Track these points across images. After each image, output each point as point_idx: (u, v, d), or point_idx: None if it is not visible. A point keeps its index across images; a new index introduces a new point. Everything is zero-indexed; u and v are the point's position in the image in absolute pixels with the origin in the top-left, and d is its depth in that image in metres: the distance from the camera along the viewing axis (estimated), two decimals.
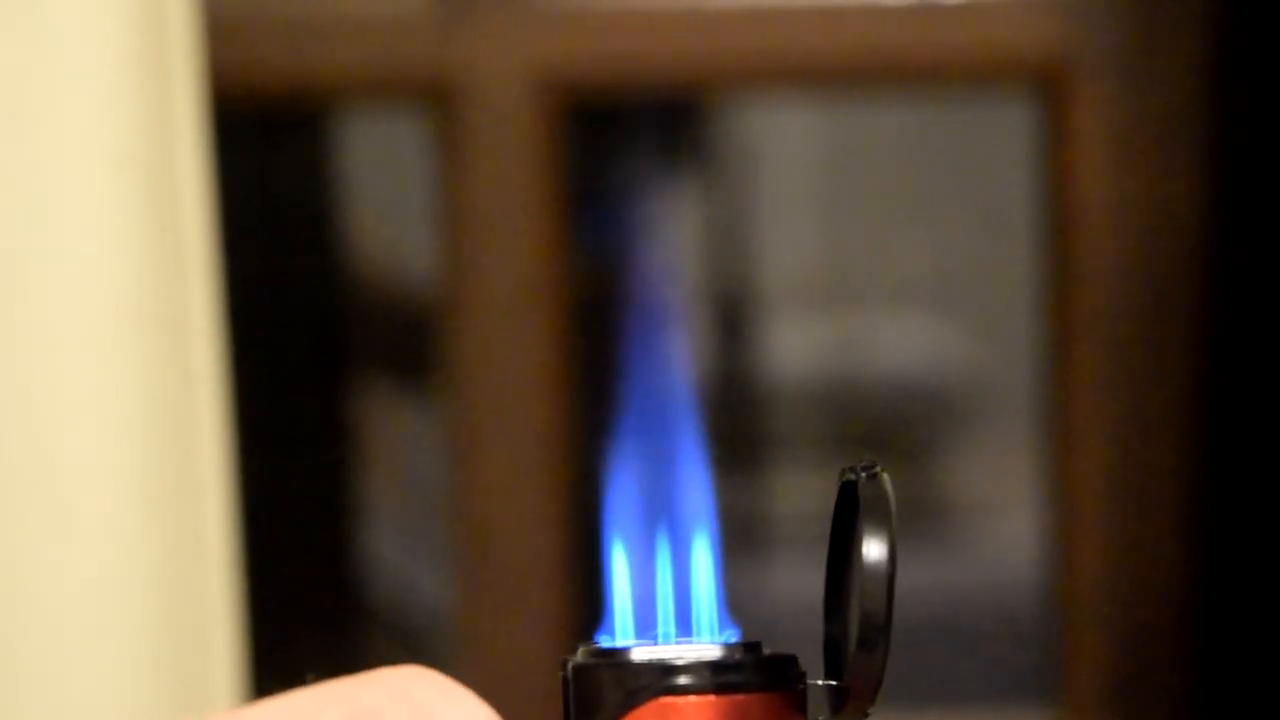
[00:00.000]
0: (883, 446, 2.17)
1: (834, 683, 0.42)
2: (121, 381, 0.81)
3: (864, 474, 0.42)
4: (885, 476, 0.41)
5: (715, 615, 0.42)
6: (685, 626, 0.42)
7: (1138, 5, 1.35)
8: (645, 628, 0.42)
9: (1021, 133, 1.51)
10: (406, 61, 1.37)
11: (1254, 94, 1.32)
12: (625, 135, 1.85)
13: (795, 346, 2.22)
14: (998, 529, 2.15)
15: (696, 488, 0.43)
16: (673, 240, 2.05)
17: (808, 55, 1.38)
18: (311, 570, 1.59)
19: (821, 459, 2.18)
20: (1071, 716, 1.38)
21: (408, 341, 1.70)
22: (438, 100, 1.37)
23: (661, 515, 0.43)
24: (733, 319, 2.15)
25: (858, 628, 0.40)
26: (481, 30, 1.36)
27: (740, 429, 2.13)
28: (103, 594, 0.81)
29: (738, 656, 0.40)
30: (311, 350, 1.65)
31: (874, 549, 0.40)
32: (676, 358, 0.44)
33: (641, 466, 0.43)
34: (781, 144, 2.22)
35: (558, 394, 1.36)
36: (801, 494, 2.08)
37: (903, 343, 2.21)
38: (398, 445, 1.81)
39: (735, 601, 0.43)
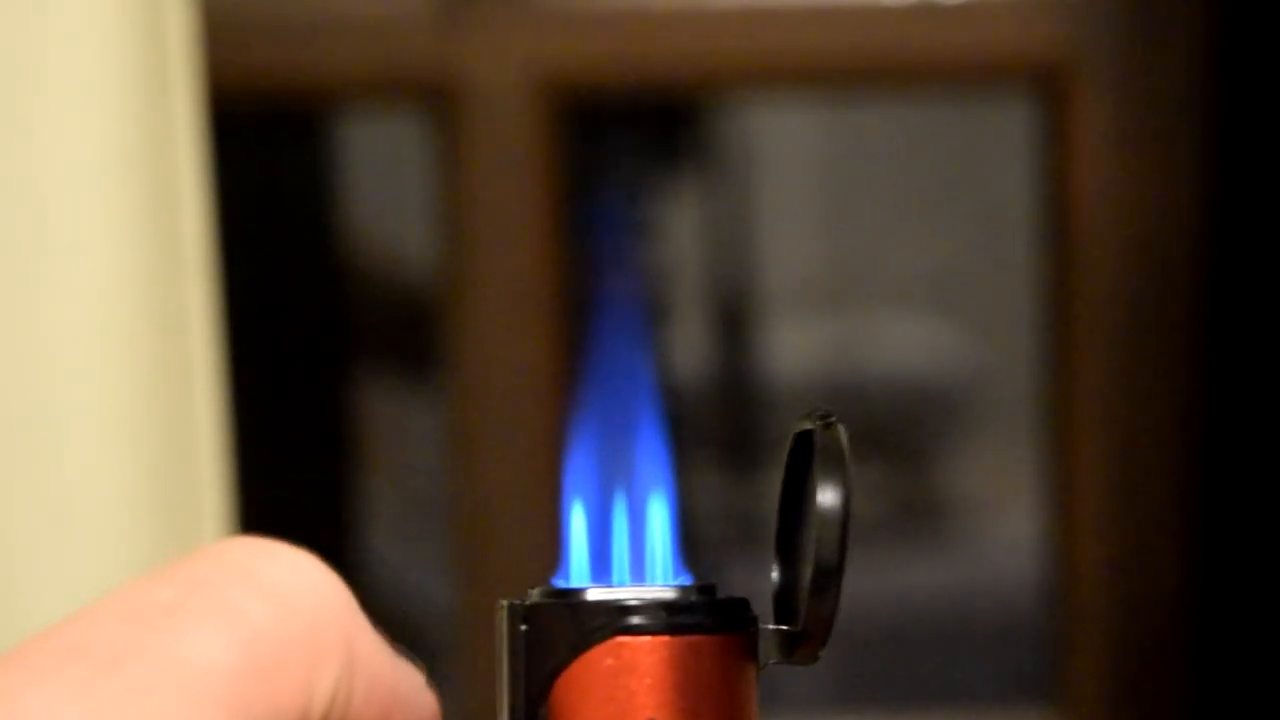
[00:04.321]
0: (883, 446, 2.17)
1: (785, 628, 0.42)
2: (121, 381, 0.81)
3: (820, 422, 0.42)
4: (841, 426, 0.42)
5: (669, 560, 0.43)
6: (640, 572, 0.43)
7: (1138, 5, 1.35)
8: (601, 573, 0.43)
9: (1021, 133, 1.51)
10: (406, 61, 1.37)
11: (1254, 92, 1.32)
12: (625, 135, 1.85)
13: (796, 346, 2.21)
14: (998, 529, 2.15)
15: (653, 431, 0.43)
16: (672, 240, 2.05)
17: (808, 55, 1.38)
18: None
19: None
20: (1071, 716, 1.38)
21: (407, 341, 1.70)
22: (438, 100, 1.37)
23: (619, 463, 0.43)
24: (733, 319, 2.15)
25: (812, 573, 0.41)
26: (481, 30, 1.36)
27: (740, 429, 2.13)
28: (102, 593, 0.81)
29: (692, 598, 0.41)
30: (311, 349, 1.65)
31: (829, 495, 0.41)
32: (640, 335, 0.44)
33: (600, 415, 0.43)
34: (781, 144, 2.22)
35: (557, 393, 1.36)
36: None
37: (903, 343, 2.21)
38: (398, 444, 1.81)
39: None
